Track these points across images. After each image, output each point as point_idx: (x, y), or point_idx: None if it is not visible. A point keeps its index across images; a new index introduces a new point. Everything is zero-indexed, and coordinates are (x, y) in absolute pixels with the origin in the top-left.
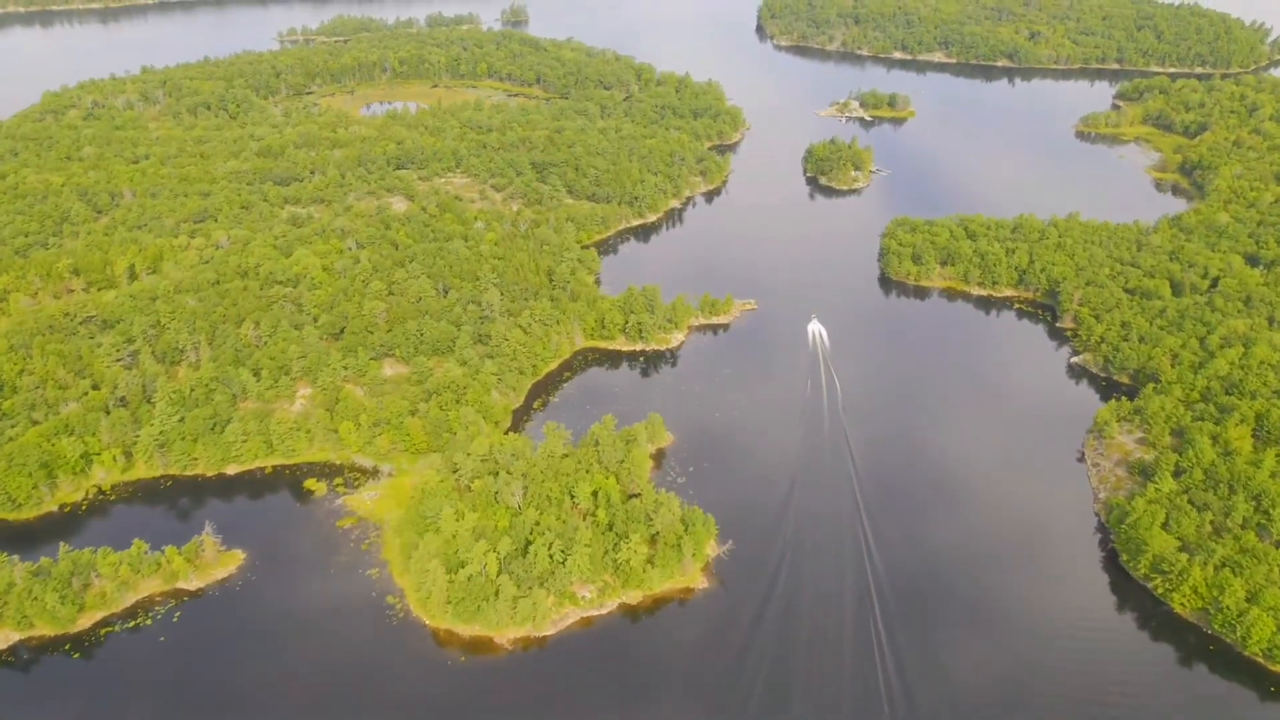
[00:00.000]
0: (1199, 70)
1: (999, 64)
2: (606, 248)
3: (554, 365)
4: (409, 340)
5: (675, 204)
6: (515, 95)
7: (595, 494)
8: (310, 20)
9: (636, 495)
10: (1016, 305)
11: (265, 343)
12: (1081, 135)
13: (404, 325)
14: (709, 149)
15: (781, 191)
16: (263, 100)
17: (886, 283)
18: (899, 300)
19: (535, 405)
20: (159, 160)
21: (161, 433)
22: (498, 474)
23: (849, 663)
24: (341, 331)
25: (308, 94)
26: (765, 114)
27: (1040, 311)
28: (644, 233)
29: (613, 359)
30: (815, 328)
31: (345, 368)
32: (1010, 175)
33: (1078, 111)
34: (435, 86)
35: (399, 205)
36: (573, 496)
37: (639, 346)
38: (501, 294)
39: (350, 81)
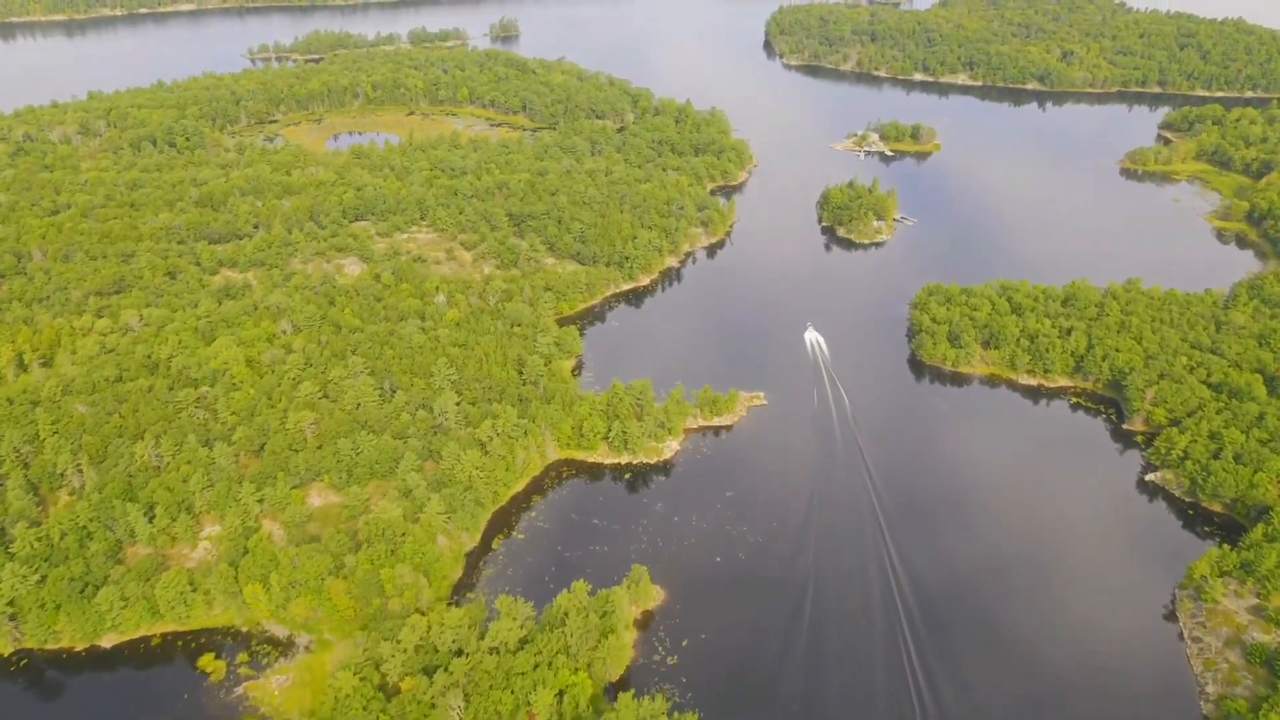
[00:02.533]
0: (1249, 94)
1: (1028, 87)
2: (592, 316)
3: (521, 486)
4: (341, 464)
5: (672, 262)
6: (498, 124)
7: (560, 696)
8: (290, 32)
9: (615, 687)
10: (1074, 399)
11: (166, 465)
12: (1127, 173)
13: (336, 444)
14: (711, 191)
15: (794, 246)
16: (217, 133)
17: (918, 366)
18: (933, 388)
19: (494, 544)
20: (81, 211)
21: (13, 601)
22: (434, 673)
23: None
24: (261, 448)
25: (271, 122)
26: (774, 147)
27: (1103, 408)
28: (636, 298)
29: (593, 473)
30: (813, 336)
31: (261, 500)
32: (1053, 224)
33: (1119, 143)
34: (411, 114)
35: (351, 268)
36: (530, 704)
37: (624, 459)
38: (459, 396)
39: (318, 108)
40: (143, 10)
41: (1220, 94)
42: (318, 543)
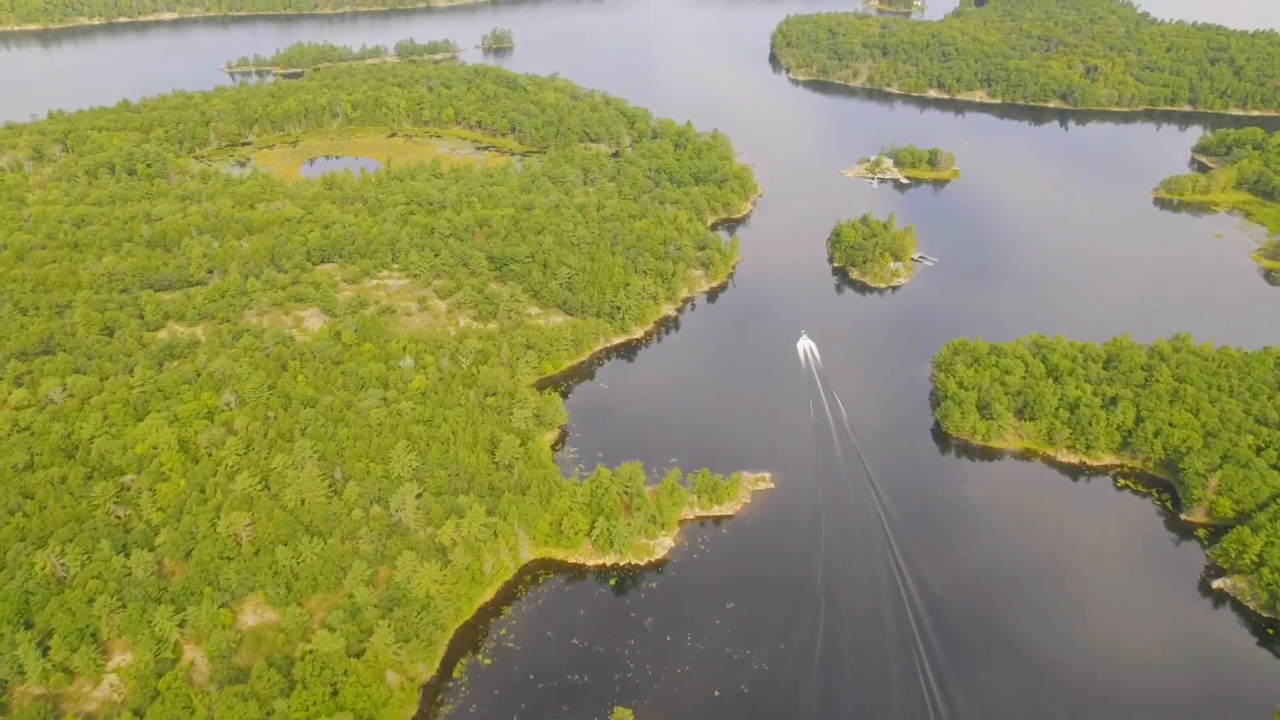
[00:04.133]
0: None
1: (1050, 105)
2: (580, 374)
3: (489, 595)
4: (280, 576)
5: (669, 310)
6: (485, 148)
7: None
8: (276, 42)
9: None
10: (1121, 481)
11: (73, 578)
12: (1162, 203)
13: (274, 551)
14: (713, 225)
15: (803, 290)
16: (185, 157)
17: (943, 438)
18: (960, 463)
19: (455, 671)
20: (16, 254)
21: None
22: None
23: None
24: (188, 554)
25: (244, 144)
26: (781, 172)
27: (1155, 492)
28: (628, 352)
29: (574, 575)
30: (805, 344)
31: (182, 623)
32: (1086, 264)
33: (1151, 168)
34: (393, 135)
35: (311, 321)
36: None
37: (610, 559)
38: (421, 486)
39: (294, 129)
40: (122, 19)
41: (1256, 113)
42: (244, 685)
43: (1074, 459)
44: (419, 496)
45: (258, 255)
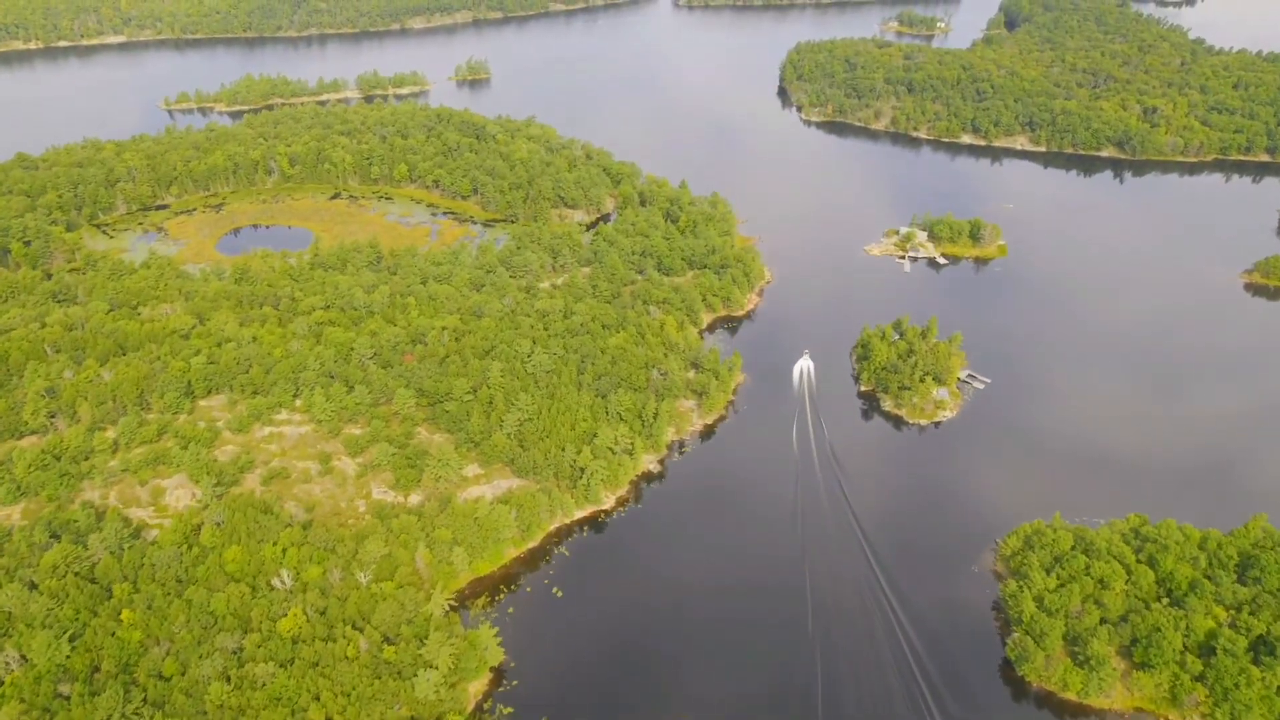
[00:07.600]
0: None
1: (1103, 153)
2: (528, 566)
3: None
4: None
5: (650, 463)
6: (443, 213)
7: None
8: (233, 71)
9: None
10: None
11: None
12: (1256, 289)
13: None
14: (710, 325)
15: (822, 420)
16: (74, 234)
17: (1018, 685)
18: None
19: None
20: None
21: None
22: None
23: None
24: None
25: (159, 207)
26: (791, 247)
27: None
28: (595, 530)
29: None
30: (804, 364)
31: None
32: (1177, 384)
33: (1233, 236)
34: (336, 197)
35: (175, 495)
36: None
37: None
38: None
39: (222, 188)
40: (63, 43)
41: None
42: None
43: None
44: None
45: (122, 389)
